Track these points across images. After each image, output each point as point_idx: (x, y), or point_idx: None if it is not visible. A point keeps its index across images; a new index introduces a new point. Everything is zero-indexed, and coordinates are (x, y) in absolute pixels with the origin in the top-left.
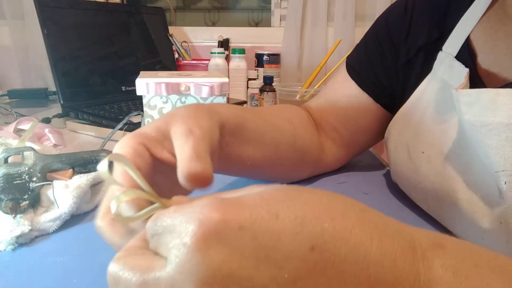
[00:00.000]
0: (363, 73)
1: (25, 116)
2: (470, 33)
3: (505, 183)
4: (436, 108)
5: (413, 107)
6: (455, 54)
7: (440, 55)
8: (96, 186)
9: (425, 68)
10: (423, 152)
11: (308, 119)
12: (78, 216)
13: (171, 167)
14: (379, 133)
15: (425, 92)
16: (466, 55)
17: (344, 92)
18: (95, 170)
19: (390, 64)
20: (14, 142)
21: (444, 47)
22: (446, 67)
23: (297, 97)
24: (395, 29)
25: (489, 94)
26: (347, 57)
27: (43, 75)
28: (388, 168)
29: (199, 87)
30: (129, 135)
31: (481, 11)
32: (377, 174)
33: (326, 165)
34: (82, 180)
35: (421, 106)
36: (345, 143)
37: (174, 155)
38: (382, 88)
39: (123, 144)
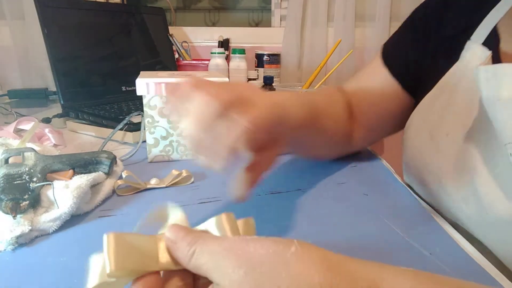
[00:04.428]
0: (394, 60)
1: (25, 116)
2: (497, 23)
3: (510, 155)
4: (461, 93)
5: (438, 94)
6: (481, 42)
7: (468, 43)
8: (96, 187)
9: (452, 57)
10: (447, 135)
11: (345, 108)
12: (78, 216)
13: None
14: (402, 120)
15: (450, 80)
16: (491, 42)
17: (376, 78)
18: (95, 170)
19: (421, 53)
20: (15, 142)
21: (472, 37)
22: (472, 54)
23: None
24: (431, 19)
25: (505, 69)
26: (384, 44)
27: (43, 75)
28: (388, 168)
29: None
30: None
31: (510, 4)
32: (377, 174)
33: (353, 147)
34: (82, 180)
35: (446, 93)
36: (371, 127)
37: None
38: (411, 75)
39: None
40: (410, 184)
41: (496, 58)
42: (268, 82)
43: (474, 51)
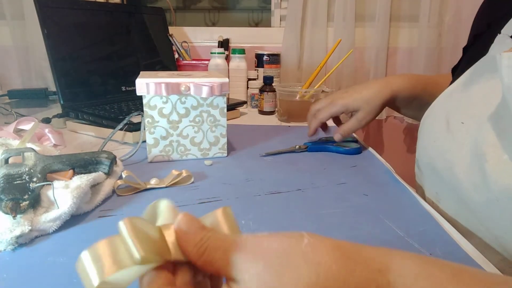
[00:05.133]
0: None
1: (25, 116)
2: None
3: None
4: (481, 83)
5: (460, 86)
6: (511, 34)
7: (498, 37)
8: (96, 187)
9: (476, 52)
10: (462, 123)
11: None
12: (78, 216)
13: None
14: None
15: (474, 72)
16: None
17: None
18: (95, 170)
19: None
20: (15, 143)
21: (503, 30)
22: (499, 46)
23: (297, 97)
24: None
25: None
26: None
27: (43, 75)
28: (388, 168)
29: (199, 87)
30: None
31: None
32: (377, 174)
33: None
34: (82, 180)
35: (468, 84)
36: None
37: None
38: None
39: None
40: (421, 174)
41: None
42: (268, 82)
43: (501, 43)
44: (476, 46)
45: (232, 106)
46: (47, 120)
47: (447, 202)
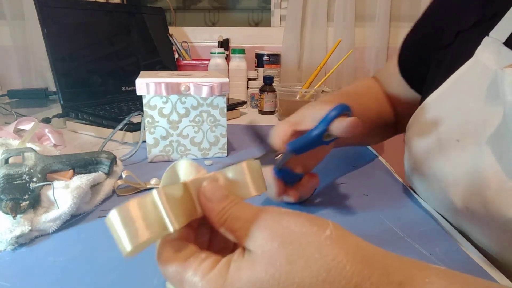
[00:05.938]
0: (411, 72)
1: (25, 116)
2: None
3: None
4: (476, 96)
5: (447, 94)
6: (503, 40)
7: (486, 40)
8: (96, 187)
9: (461, 53)
10: (457, 141)
11: (384, 94)
12: (78, 216)
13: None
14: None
15: (463, 79)
16: None
17: (390, 71)
18: (95, 171)
19: (430, 49)
20: (15, 143)
21: (491, 33)
22: (492, 53)
23: (297, 97)
24: (446, 13)
25: None
26: (399, 48)
27: (43, 75)
28: (388, 168)
29: (199, 87)
30: (283, 123)
31: None
32: (377, 175)
33: (396, 131)
34: (82, 180)
35: (457, 93)
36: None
37: None
38: (418, 74)
39: (279, 129)
40: (414, 187)
41: None
42: (268, 82)
43: (494, 50)
44: (460, 46)
45: (232, 106)
46: (47, 120)
47: (446, 217)
